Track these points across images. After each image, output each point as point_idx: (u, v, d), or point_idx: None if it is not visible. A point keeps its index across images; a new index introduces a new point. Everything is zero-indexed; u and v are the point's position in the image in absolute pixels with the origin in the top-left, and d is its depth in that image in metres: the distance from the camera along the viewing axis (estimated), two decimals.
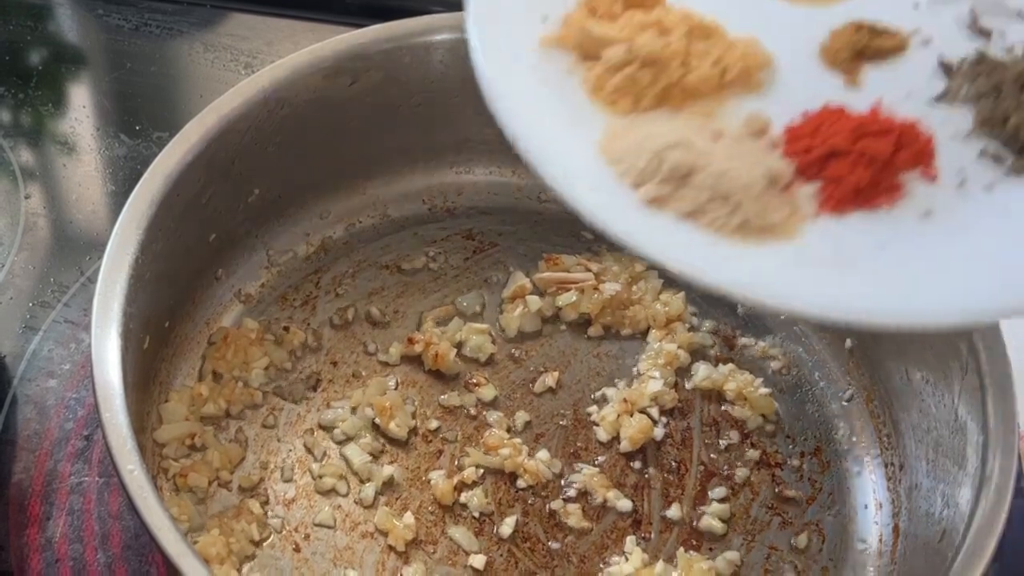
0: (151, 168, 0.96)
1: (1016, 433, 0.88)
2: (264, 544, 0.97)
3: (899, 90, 0.84)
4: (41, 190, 1.24)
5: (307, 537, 0.98)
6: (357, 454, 1.01)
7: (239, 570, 0.94)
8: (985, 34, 0.86)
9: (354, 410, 1.04)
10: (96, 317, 0.88)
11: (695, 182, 0.76)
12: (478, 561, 0.97)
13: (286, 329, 1.09)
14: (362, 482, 1.01)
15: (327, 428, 1.04)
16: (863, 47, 0.85)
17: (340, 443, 1.03)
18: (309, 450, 1.02)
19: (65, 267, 1.17)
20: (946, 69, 0.85)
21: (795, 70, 0.85)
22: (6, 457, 1.02)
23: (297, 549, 0.97)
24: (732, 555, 0.98)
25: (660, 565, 0.97)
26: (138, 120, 1.31)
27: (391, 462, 1.02)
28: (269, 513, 0.98)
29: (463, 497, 1.00)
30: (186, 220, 0.99)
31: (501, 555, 0.98)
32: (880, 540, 1.00)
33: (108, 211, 1.23)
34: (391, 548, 0.97)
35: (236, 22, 1.44)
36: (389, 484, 1.01)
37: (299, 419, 1.04)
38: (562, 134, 0.80)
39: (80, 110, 1.33)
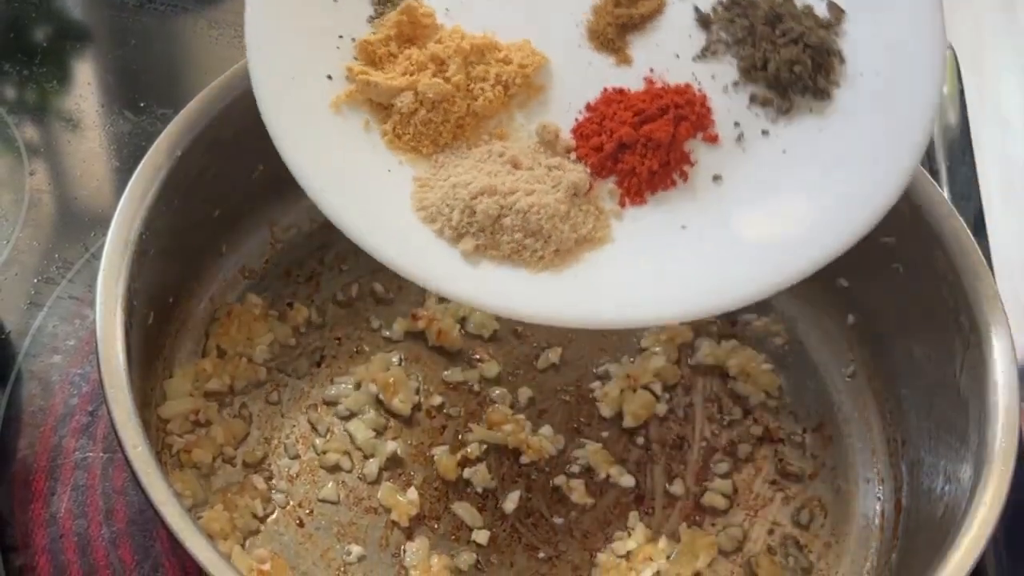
0: (155, 144, 0.96)
1: (1018, 409, 0.88)
2: (268, 519, 0.97)
3: (667, 54, 0.85)
4: (46, 166, 1.24)
5: (311, 512, 0.98)
6: (361, 430, 1.02)
7: (243, 545, 0.94)
8: None
9: (358, 386, 1.04)
10: (100, 293, 0.87)
11: (506, 224, 0.79)
12: (482, 536, 0.97)
13: (290, 305, 1.09)
14: (366, 458, 1.01)
15: (331, 404, 1.04)
16: (625, 20, 0.85)
17: (344, 419, 1.03)
18: (313, 426, 1.03)
19: (69, 243, 1.17)
20: (703, 21, 0.85)
21: (570, 62, 0.87)
22: (11, 433, 1.02)
23: (301, 524, 0.97)
24: (735, 530, 0.99)
25: (663, 541, 0.97)
26: (143, 97, 1.31)
27: (395, 438, 1.02)
28: (273, 489, 0.99)
29: (466, 473, 1.00)
30: (190, 196, 0.99)
31: (504, 531, 0.98)
32: (882, 516, 1.01)
33: (112, 187, 1.23)
34: (395, 524, 0.97)
35: None
36: (393, 460, 1.01)
37: (303, 395, 1.05)
38: (375, 202, 0.81)
39: (85, 86, 1.33)
